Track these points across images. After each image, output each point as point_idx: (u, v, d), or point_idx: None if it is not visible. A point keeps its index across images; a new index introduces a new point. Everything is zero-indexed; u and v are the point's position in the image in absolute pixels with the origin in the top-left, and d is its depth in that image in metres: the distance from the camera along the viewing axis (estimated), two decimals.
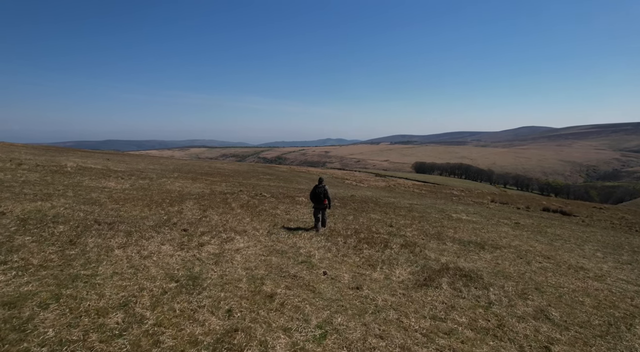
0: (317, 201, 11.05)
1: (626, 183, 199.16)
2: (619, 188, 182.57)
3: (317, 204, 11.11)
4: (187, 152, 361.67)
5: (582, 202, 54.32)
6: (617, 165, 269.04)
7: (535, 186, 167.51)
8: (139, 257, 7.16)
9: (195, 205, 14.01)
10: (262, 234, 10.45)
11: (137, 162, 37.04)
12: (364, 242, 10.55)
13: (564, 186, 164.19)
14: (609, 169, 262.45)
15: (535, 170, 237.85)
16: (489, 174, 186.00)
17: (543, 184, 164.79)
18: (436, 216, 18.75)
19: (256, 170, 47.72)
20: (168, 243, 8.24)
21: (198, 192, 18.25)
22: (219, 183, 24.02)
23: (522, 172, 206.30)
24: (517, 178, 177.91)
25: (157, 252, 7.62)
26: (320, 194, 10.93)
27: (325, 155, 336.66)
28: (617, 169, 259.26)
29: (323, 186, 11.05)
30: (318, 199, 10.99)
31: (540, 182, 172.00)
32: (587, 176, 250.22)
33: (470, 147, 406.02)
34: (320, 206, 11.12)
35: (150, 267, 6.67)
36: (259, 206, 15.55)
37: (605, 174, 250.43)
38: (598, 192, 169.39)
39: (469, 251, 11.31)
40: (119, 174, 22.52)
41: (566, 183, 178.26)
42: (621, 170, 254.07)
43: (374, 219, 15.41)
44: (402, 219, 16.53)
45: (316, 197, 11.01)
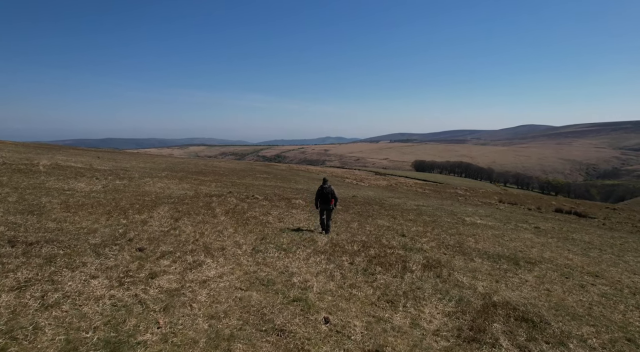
0: (324, 201, 10.72)
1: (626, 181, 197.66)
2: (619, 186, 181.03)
3: (324, 204, 10.79)
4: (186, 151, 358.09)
5: (593, 203, 52.20)
6: (616, 164, 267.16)
7: (535, 184, 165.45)
8: (39, 306, 4.64)
9: (169, 211, 11.64)
10: (245, 252, 8.10)
11: (128, 161, 34.61)
12: (376, 263, 8.20)
13: (564, 184, 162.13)
14: (609, 167, 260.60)
15: (535, 169, 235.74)
16: (489, 172, 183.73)
17: (543, 183, 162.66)
18: (448, 220, 16.70)
19: (253, 169, 45.37)
20: (104, 274, 5.75)
21: (180, 194, 15.87)
22: (208, 183, 21.65)
23: (522, 171, 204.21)
24: (517, 177, 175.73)
25: (77, 293, 5.16)
26: (328, 194, 10.63)
27: (325, 153, 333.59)
28: (617, 168, 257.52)
29: (329, 186, 10.76)
30: (325, 199, 10.67)
31: (540, 180, 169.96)
32: (586, 175, 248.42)
33: (470, 146, 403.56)
34: (327, 206, 10.80)
35: (46, 329, 4.11)
36: (247, 212, 13.21)
37: (605, 173, 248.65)
38: (598, 190, 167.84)
39: (505, 271, 9.06)
40: (98, 173, 20.10)
41: (566, 182, 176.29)
42: (621, 169, 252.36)
43: (383, 227, 13.20)
44: (413, 224, 14.41)
45: (323, 198, 10.68)
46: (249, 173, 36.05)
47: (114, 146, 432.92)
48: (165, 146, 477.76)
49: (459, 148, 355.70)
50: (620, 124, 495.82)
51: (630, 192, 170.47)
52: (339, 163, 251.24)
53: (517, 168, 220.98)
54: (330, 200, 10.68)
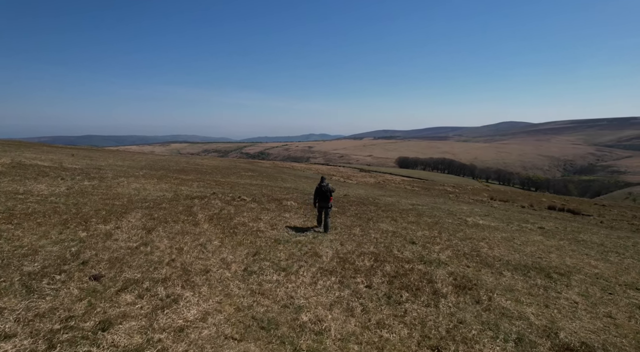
0: (323, 199, 10.63)
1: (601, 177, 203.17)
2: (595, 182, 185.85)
3: (324, 202, 10.67)
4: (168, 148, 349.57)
5: (581, 199, 52.16)
6: (592, 160, 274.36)
7: (516, 180, 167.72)
8: None
9: (142, 219, 9.78)
10: (235, 274, 6.39)
11: (104, 158, 32.15)
12: (399, 286, 6.60)
13: (544, 180, 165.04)
14: (585, 163, 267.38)
15: (516, 165, 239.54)
16: (471, 168, 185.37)
17: (524, 179, 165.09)
18: (450, 221, 15.44)
19: (237, 166, 43.33)
20: (25, 330, 3.82)
21: (157, 196, 13.94)
22: (190, 183, 19.70)
23: (503, 167, 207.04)
24: (499, 173, 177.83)
25: None
26: (327, 192, 10.57)
27: (309, 150, 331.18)
28: (592, 164, 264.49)
29: (327, 185, 10.69)
30: (324, 197, 10.59)
31: (521, 176, 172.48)
32: (564, 170, 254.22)
33: (452, 142, 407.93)
34: (326, 204, 10.69)
35: None
36: (234, 217, 11.46)
37: (581, 168, 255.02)
38: (575, 186, 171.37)
39: (545, 288, 7.64)
40: (66, 172, 17.88)
41: (546, 178, 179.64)
42: (596, 165, 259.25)
43: (388, 232, 11.71)
44: (418, 228, 13.04)
45: (322, 196, 10.60)
46: (233, 171, 34.08)
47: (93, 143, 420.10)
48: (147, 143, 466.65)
49: (441, 145, 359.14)
50: (595, 121, 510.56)
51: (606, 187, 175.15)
52: (323, 160, 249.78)
53: (499, 164, 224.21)
54: (329, 198, 10.63)
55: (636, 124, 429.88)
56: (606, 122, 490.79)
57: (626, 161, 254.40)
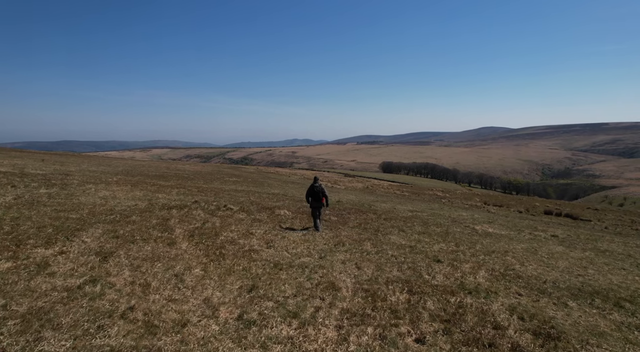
0: (316, 199, 10.88)
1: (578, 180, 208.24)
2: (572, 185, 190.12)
3: (316, 202, 10.93)
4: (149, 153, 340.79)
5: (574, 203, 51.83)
6: (568, 164, 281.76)
7: (498, 184, 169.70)
8: None
9: (100, 238, 7.64)
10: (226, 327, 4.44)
11: (78, 164, 29.37)
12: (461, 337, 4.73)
13: (524, 184, 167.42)
14: (562, 167, 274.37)
15: (496, 169, 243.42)
16: (454, 173, 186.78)
17: (505, 183, 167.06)
18: (459, 230, 13.93)
19: (221, 172, 40.96)
20: None
21: (127, 206, 11.84)
22: (169, 189, 17.44)
23: (484, 171, 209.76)
24: (480, 177, 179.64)
25: None
26: (319, 192, 10.81)
27: (293, 155, 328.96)
28: (569, 168, 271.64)
29: (320, 185, 10.93)
30: (317, 198, 10.85)
31: (502, 180, 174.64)
32: (542, 174, 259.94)
33: (434, 147, 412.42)
34: (319, 204, 10.95)
35: None
36: (221, 232, 9.54)
37: (558, 172, 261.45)
38: (554, 189, 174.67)
39: (635, 328, 5.85)
40: (23, 179, 15.39)
41: (526, 181, 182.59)
42: (572, 169, 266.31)
43: (403, 247, 10.01)
44: (431, 240, 11.48)
45: (315, 196, 10.84)
46: (217, 176, 31.78)
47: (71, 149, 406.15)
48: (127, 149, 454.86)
49: (424, 149, 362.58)
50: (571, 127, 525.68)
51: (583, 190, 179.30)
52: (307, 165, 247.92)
53: (480, 169, 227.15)
54: (322, 198, 10.81)
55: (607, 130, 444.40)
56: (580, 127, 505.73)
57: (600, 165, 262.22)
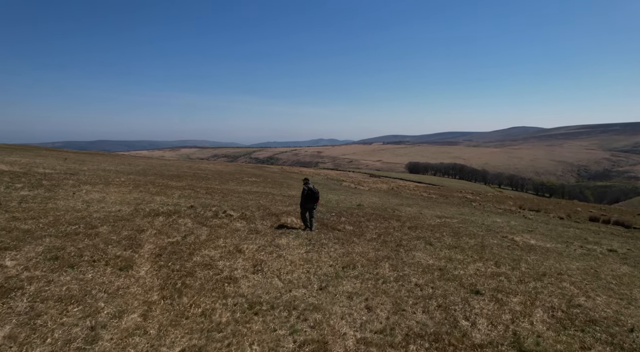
0: (308, 200, 10.87)
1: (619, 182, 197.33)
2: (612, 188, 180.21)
3: (309, 204, 10.93)
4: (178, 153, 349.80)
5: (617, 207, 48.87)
6: (607, 165, 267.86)
7: (529, 185, 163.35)
8: None
9: (30, 261, 6.64)
10: None
11: (97, 163, 30.22)
12: None
13: (558, 185, 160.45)
14: (600, 168, 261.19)
15: (528, 170, 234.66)
16: (483, 174, 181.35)
17: (538, 184, 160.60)
18: (496, 242, 12.54)
19: (243, 171, 41.18)
20: None
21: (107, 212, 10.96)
22: (173, 191, 16.95)
23: (514, 172, 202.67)
24: (511, 178, 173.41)
25: None
26: (316, 194, 10.85)
27: (318, 155, 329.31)
28: (608, 169, 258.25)
29: (313, 187, 10.96)
30: (313, 199, 10.85)
31: (534, 181, 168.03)
32: (578, 176, 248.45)
33: (462, 147, 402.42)
34: (312, 206, 10.97)
35: None
36: (200, 249, 8.44)
37: (596, 174, 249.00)
38: (592, 191, 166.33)
39: None
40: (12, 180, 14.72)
41: (560, 183, 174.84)
42: (611, 170, 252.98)
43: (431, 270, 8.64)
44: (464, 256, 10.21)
45: (309, 198, 10.84)
46: (236, 176, 31.87)
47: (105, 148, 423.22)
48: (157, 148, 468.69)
49: (451, 150, 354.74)
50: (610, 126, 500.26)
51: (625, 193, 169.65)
52: (332, 165, 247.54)
53: (510, 169, 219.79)
54: (317, 199, 10.89)
55: None
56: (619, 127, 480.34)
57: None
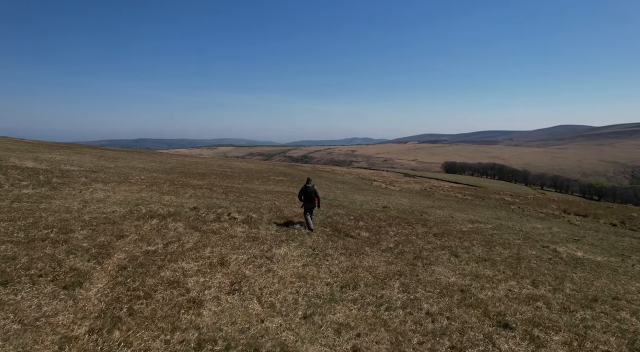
0: (308, 200, 11.12)
1: None
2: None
3: (309, 203, 11.16)
4: (215, 151, 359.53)
5: None
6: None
7: (575, 187, 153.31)
8: None
9: None
10: None
11: (129, 160, 31.05)
12: None
13: (609, 188, 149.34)
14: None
15: (574, 171, 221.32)
16: (524, 174, 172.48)
17: (585, 186, 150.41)
18: (534, 253, 10.99)
19: (273, 170, 41.11)
20: None
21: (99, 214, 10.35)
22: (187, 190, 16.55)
23: (559, 173, 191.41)
24: (555, 179, 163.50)
25: None
26: (312, 193, 11.05)
27: (352, 154, 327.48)
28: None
29: (313, 186, 11.18)
30: (310, 198, 11.09)
31: (581, 183, 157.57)
32: (632, 177, 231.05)
33: (502, 147, 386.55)
34: (312, 205, 11.20)
35: None
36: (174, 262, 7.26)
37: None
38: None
39: None
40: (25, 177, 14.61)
41: (611, 185, 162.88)
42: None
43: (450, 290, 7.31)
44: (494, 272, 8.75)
45: (307, 197, 11.08)
46: (264, 175, 31.67)
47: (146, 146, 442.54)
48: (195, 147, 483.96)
49: (490, 149, 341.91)
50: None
51: None
52: (366, 164, 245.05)
53: (554, 170, 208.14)
54: (314, 199, 11.04)
55: None
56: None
57: None
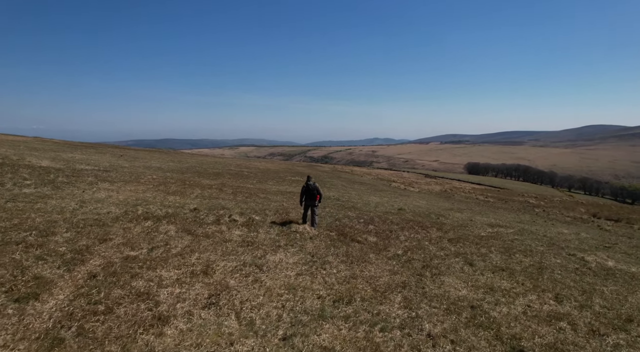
0: (309, 197, 11.09)
1: None
2: None
3: (310, 200, 11.12)
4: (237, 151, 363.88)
5: None
6: None
7: (606, 190, 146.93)
8: None
9: None
10: None
11: (147, 160, 31.45)
12: None
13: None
14: None
15: (605, 173, 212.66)
16: (550, 176, 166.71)
17: (617, 189, 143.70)
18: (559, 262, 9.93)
19: (290, 170, 40.93)
20: None
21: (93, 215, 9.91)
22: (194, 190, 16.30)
23: (588, 175, 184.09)
24: (584, 181, 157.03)
25: None
26: (314, 190, 11.02)
27: (373, 154, 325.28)
28: None
29: (314, 184, 11.18)
30: (311, 195, 11.05)
31: (613, 186, 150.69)
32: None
33: (527, 148, 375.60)
34: (312, 202, 11.14)
35: None
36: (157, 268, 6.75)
37: None
38: None
39: None
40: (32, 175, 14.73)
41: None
42: None
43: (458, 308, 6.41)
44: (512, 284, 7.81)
45: (309, 194, 11.06)
46: (280, 175, 31.46)
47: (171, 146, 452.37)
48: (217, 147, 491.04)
49: (515, 150, 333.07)
50: None
51: None
52: (387, 164, 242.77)
53: (583, 172, 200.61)
54: (316, 196, 11.02)
55: None
56: None
57: None
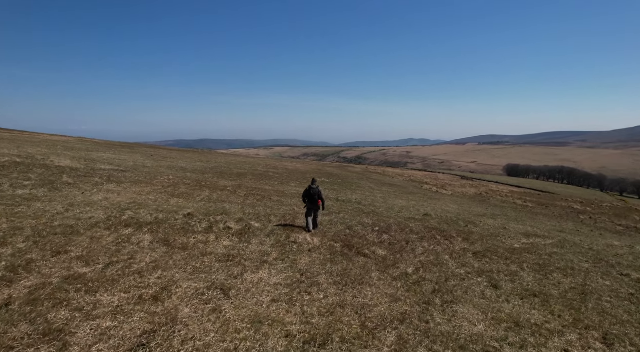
0: (311, 201, 10.94)
1: None
2: None
3: (312, 204, 10.98)
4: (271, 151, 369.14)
5: None
6: None
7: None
8: None
9: None
10: None
11: (176, 160, 31.95)
12: None
13: None
14: None
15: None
16: (599, 179, 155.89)
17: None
18: (608, 286, 8.29)
19: (320, 171, 40.33)
20: None
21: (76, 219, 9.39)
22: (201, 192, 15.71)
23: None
24: (638, 185, 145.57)
25: None
26: (315, 195, 10.85)
27: (407, 155, 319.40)
28: None
29: (317, 187, 10.98)
30: (312, 200, 10.91)
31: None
32: None
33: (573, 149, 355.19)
34: (314, 206, 11.00)
35: None
36: (99, 290, 5.84)
37: None
38: None
39: None
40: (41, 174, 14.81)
41: None
42: None
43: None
44: (545, 315, 6.44)
45: (310, 198, 10.92)
46: (307, 176, 30.88)
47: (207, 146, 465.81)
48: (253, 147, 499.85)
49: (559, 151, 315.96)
50: None
51: None
52: (422, 166, 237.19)
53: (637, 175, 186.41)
54: (317, 200, 10.88)
55: None
56: None
57: None
